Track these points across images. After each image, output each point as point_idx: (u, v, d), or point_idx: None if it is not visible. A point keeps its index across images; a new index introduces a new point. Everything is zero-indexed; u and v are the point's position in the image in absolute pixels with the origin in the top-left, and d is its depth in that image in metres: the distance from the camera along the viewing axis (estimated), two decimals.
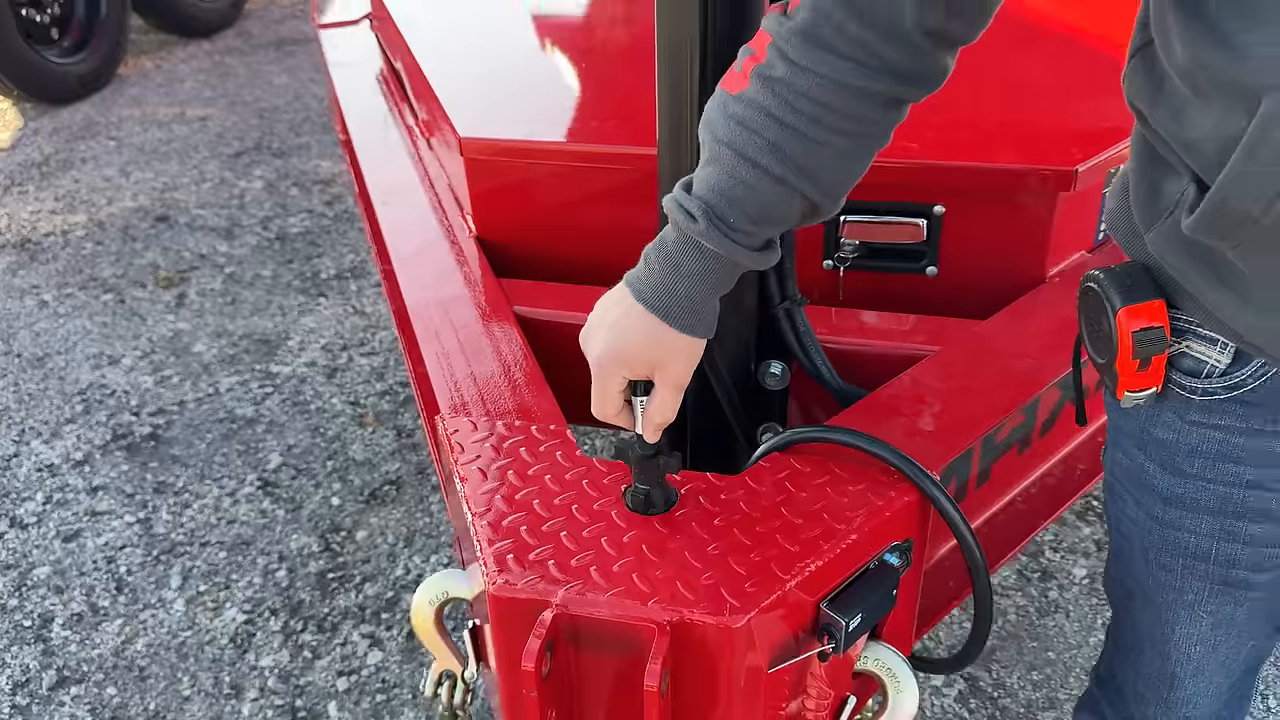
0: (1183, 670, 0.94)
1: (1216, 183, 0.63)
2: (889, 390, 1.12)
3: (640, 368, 0.86)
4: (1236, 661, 0.94)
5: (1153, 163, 0.74)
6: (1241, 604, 0.87)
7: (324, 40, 2.31)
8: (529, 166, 1.41)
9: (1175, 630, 0.92)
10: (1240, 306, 0.69)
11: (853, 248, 1.31)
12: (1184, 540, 0.85)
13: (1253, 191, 0.61)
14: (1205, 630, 0.90)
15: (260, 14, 5.91)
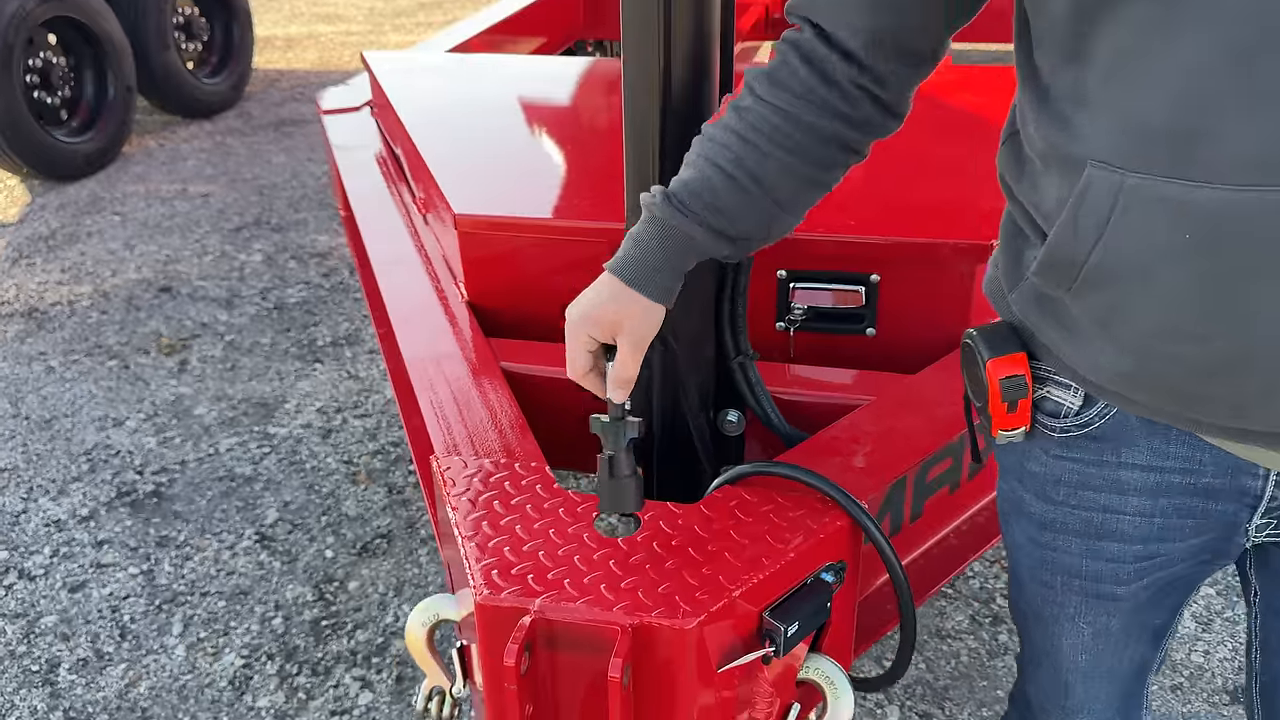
0: (1074, 678, 1.08)
1: (1050, 234, 0.80)
2: (829, 433, 1.27)
3: (605, 327, 1.00)
4: (1121, 668, 1.08)
5: (1017, 235, 0.91)
6: (1114, 615, 1.01)
7: (327, 125, 2.50)
8: (515, 239, 1.58)
9: (1063, 642, 1.06)
10: (1078, 349, 0.86)
11: (801, 311, 1.48)
12: (1059, 560, 1.00)
13: (1076, 240, 0.78)
14: (1088, 640, 1.04)
15: (260, 96, 6.16)
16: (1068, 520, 0.97)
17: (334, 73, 6.63)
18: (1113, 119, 0.74)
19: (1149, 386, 0.83)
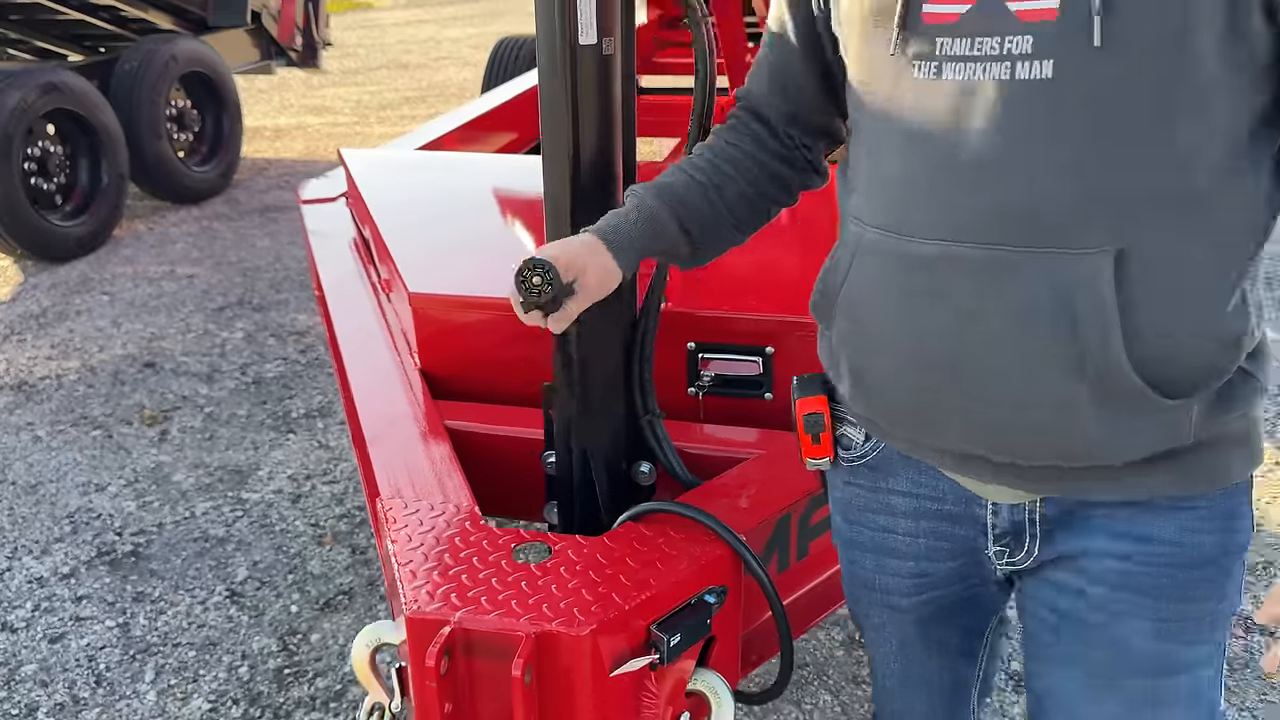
0: (892, 684, 1.28)
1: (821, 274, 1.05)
2: (720, 480, 1.48)
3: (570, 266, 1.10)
4: (934, 680, 1.25)
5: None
6: (908, 626, 1.20)
7: (305, 214, 2.74)
8: (462, 314, 1.80)
9: (878, 650, 1.26)
10: (847, 389, 1.08)
11: (709, 378, 1.70)
12: (860, 574, 1.21)
13: (835, 275, 1.04)
14: (895, 648, 1.24)
15: (248, 183, 6.45)
16: (860, 539, 1.19)
17: (320, 162, 6.95)
18: (863, 188, 1.03)
19: (886, 416, 1.05)
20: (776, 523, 1.46)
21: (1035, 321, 0.92)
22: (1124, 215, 0.89)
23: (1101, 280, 0.89)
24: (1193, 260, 0.91)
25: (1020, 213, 0.91)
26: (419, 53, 12.33)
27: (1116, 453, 0.95)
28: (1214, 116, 0.88)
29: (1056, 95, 0.87)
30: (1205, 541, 1.01)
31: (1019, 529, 1.06)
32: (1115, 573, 1.03)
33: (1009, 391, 0.95)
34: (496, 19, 15.55)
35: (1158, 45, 0.85)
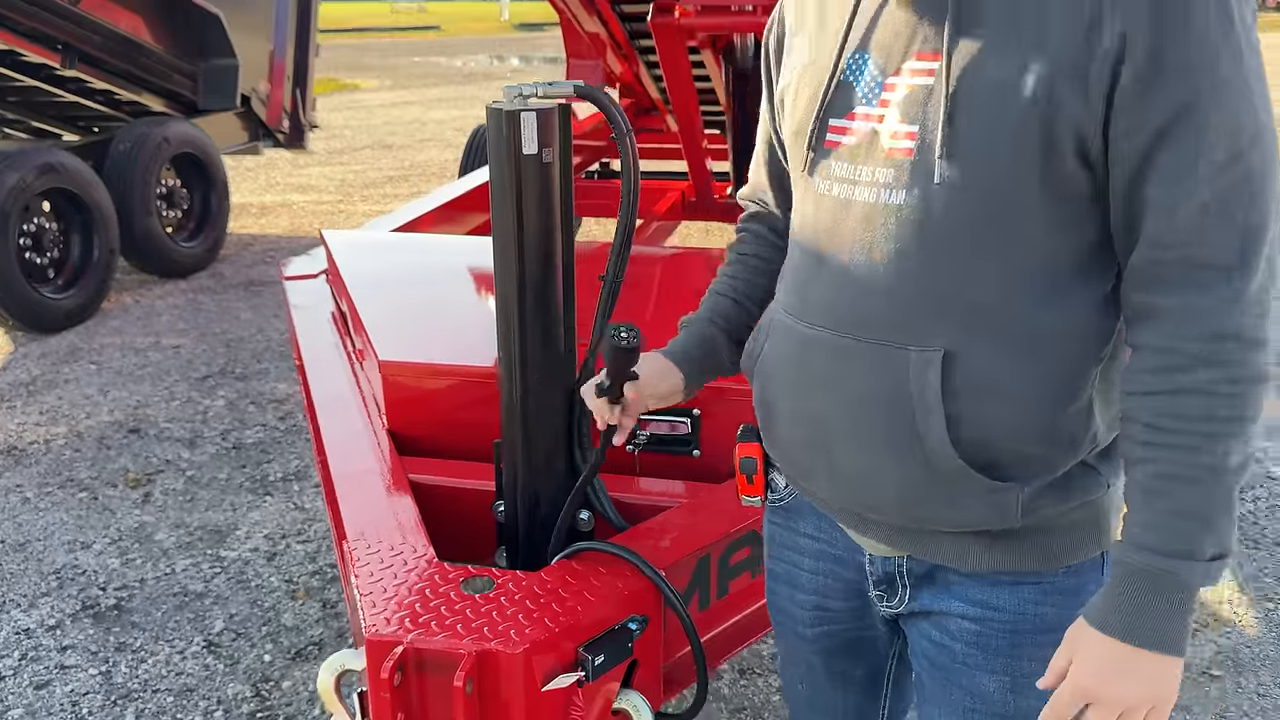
0: (798, 707, 1.46)
1: (747, 341, 1.26)
2: (647, 524, 1.69)
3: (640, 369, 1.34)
4: (839, 707, 1.41)
5: None
6: (813, 654, 1.38)
7: (288, 289, 2.96)
8: (426, 380, 2.02)
9: (787, 674, 1.45)
10: (765, 440, 1.29)
11: (645, 437, 1.91)
12: (776, 601, 1.40)
13: (753, 348, 1.26)
14: (802, 672, 1.42)
15: (233, 258, 6.69)
16: (777, 570, 1.38)
17: (303, 238, 7.21)
18: (782, 273, 1.25)
19: (787, 465, 1.25)
20: (697, 562, 1.67)
21: (877, 403, 1.09)
22: (953, 323, 1.05)
23: (930, 374, 1.05)
24: (1013, 369, 1.05)
25: (869, 310, 1.09)
26: (403, 134, 12.72)
27: (950, 523, 1.11)
28: (1037, 247, 1.02)
29: (906, 218, 1.05)
30: (1047, 613, 1.13)
31: (891, 579, 1.22)
32: (970, 632, 1.17)
33: (860, 461, 1.12)
34: (479, 102, 16.05)
35: (987, 185, 1.01)
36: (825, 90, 1.12)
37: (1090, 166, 1.00)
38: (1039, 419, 1.06)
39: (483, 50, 29.72)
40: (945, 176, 1.02)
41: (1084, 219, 1.02)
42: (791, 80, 1.20)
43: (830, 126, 1.13)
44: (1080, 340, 1.06)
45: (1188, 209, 0.95)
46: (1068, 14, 0.96)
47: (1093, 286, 1.05)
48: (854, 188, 1.10)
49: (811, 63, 1.17)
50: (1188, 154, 0.95)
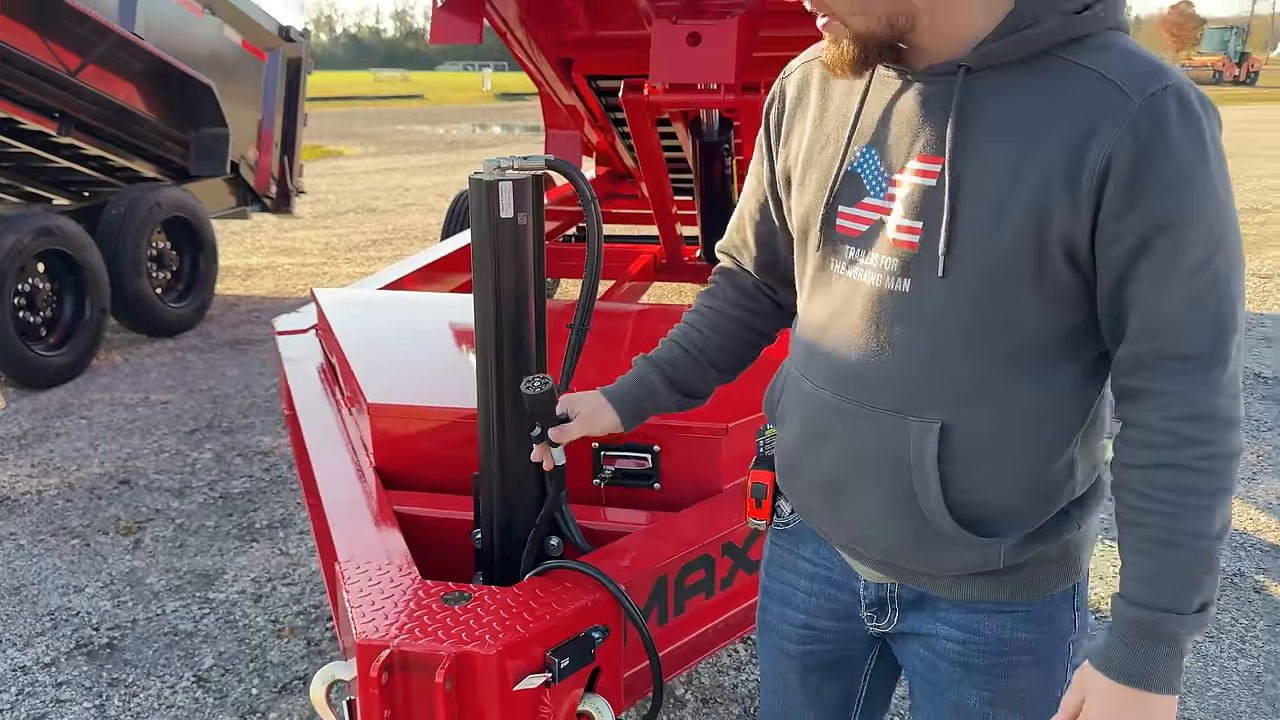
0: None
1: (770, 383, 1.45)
2: (610, 547, 1.87)
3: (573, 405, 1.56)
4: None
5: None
6: (793, 671, 1.51)
7: (280, 343, 3.16)
8: (410, 421, 2.21)
9: (766, 687, 1.58)
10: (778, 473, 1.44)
11: (610, 471, 2.10)
12: (765, 619, 1.54)
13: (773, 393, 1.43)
14: (778, 687, 1.54)
15: (220, 318, 6.87)
16: (772, 588, 1.52)
17: (288, 299, 7.41)
18: (794, 335, 1.39)
19: (796, 499, 1.41)
20: (655, 581, 1.85)
21: (878, 463, 1.22)
22: (950, 398, 1.17)
23: (928, 442, 1.17)
24: (1004, 439, 1.17)
25: (873, 382, 1.21)
26: (386, 199, 13.01)
27: (940, 568, 1.26)
28: (1028, 331, 1.14)
29: (910, 304, 1.16)
30: (1023, 637, 1.28)
31: (883, 602, 1.37)
32: (954, 652, 1.32)
33: (860, 512, 1.27)
34: (461, 169, 16.42)
35: (984, 279, 1.12)
36: (835, 179, 1.24)
37: (1077, 266, 1.11)
38: (1026, 481, 1.19)
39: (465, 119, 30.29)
40: (946, 271, 1.13)
41: (1071, 307, 1.14)
42: (798, 163, 1.32)
43: (840, 213, 1.24)
44: (1065, 411, 1.18)
45: (1166, 308, 1.08)
46: (1060, 132, 1.07)
47: (1078, 363, 1.17)
48: (863, 271, 1.22)
49: (820, 150, 1.28)
50: (1165, 261, 1.06)
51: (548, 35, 4.87)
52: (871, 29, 1.15)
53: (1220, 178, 1.08)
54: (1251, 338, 6.13)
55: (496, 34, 4.88)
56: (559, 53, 5.03)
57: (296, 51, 7.84)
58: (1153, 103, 1.05)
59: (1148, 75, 1.07)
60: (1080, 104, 1.07)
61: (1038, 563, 1.26)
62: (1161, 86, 1.06)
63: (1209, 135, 1.07)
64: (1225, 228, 1.08)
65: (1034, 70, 1.11)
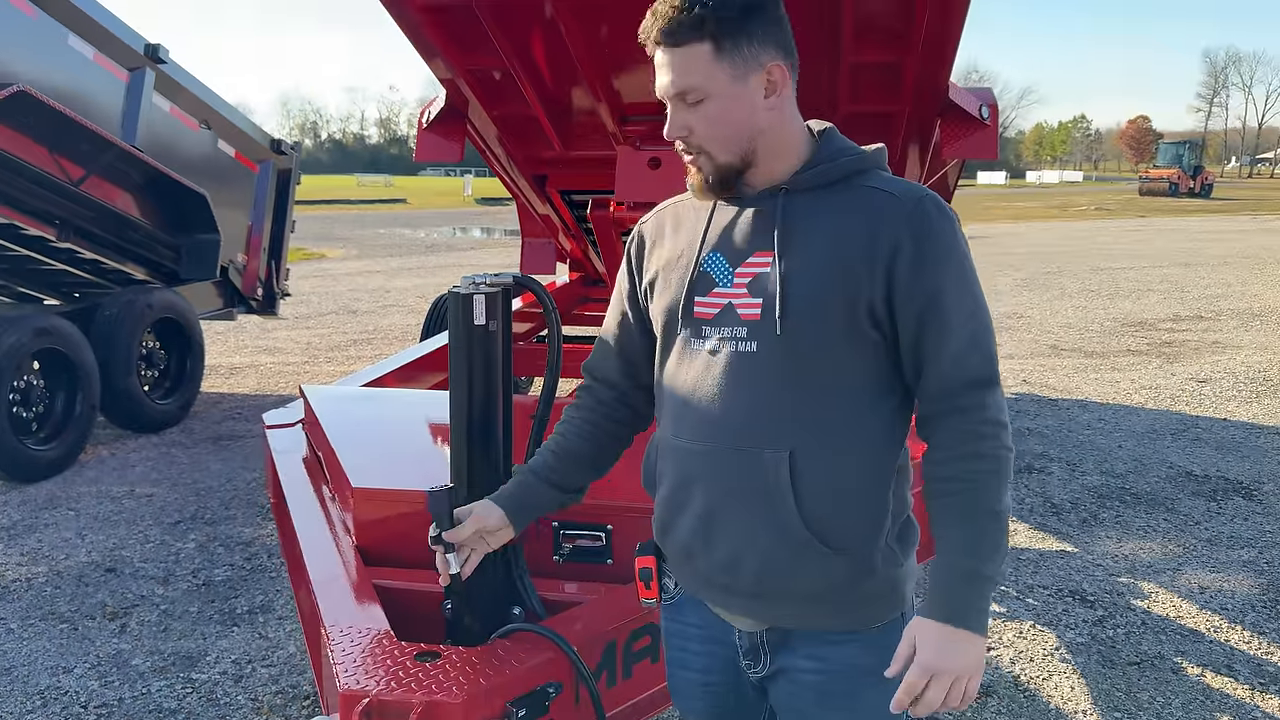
0: None
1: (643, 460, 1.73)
2: (565, 614, 2.11)
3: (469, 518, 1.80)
4: None
5: None
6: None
7: (269, 435, 3.41)
8: (389, 504, 2.46)
9: None
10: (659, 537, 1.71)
11: (569, 549, 2.36)
12: (673, 683, 1.79)
13: (648, 463, 1.72)
14: None
15: (204, 415, 7.10)
16: (671, 655, 1.78)
17: (270, 397, 7.65)
18: (661, 408, 1.69)
19: (674, 550, 1.67)
20: (606, 644, 2.09)
21: (742, 494, 1.52)
22: (794, 430, 1.49)
23: (781, 469, 1.49)
24: (840, 462, 1.49)
25: (734, 426, 1.53)
26: (368, 300, 13.35)
27: (794, 588, 1.53)
28: (847, 376, 1.50)
29: (757, 361, 1.51)
30: (867, 662, 1.54)
31: (755, 649, 1.63)
32: (812, 681, 1.59)
33: (730, 541, 1.55)
34: (441, 271, 16.86)
35: (812, 338, 1.48)
36: (691, 276, 1.59)
37: (878, 326, 1.49)
38: (858, 501, 1.51)
39: (446, 223, 30.93)
40: (782, 330, 1.48)
41: (878, 356, 1.52)
42: (659, 272, 1.66)
43: (697, 301, 1.58)
44: (885, 439, 1.54)
45: (955, 347, 1.48)
46: (858, 226, 1.48)
47: (887, 403, 1.54)
48: (719, 342, 1.54)
49: (676, 259, 1.63)
50: (947, 315, 1.47)
51: (525, 154, 5.27)
52: (730, 162, 1.54)
53: (968, 256, 1.52)
54: (1185, 438, 6.47)
55: (476, 150, 5.29)
56: (535, 169, 5.44)
57: (286, 163, 8.27)
58: (919, 205, 1.49)
59: (911, 189, 1.52)
60: (870, 207, 1.50)
61: (870, 597, 1.55)
62: (921, 195, 1.50)
63: (957, 228, 1.52)
64: (977, 288, 1.52)
65: (834, 190, 1.53)
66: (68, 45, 5.98)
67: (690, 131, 1.53)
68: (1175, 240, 22.85)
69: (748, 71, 1.50)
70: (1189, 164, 46.93)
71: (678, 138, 1.56)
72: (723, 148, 1.53)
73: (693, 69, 1.48)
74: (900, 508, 1.57)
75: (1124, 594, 4.10)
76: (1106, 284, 14.71)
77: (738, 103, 1.50)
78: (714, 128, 1.52)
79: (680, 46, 1.48)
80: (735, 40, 1.48)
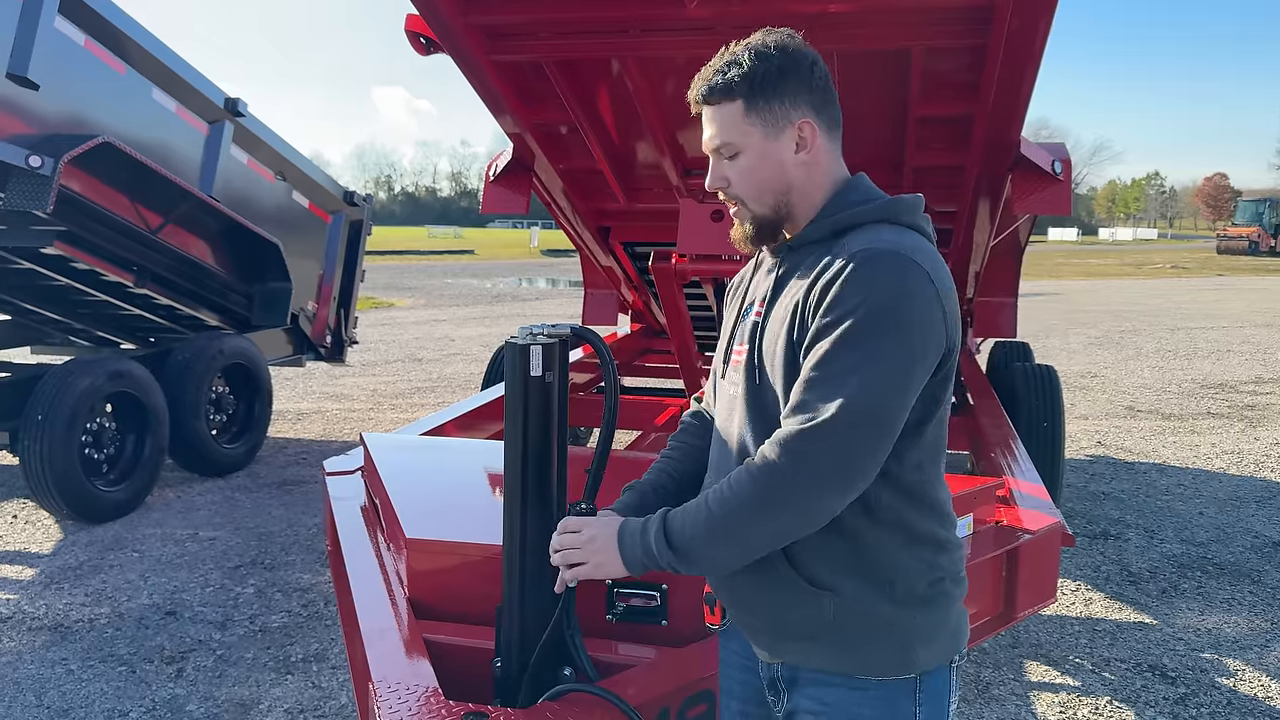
0: None
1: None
2: (618, 676, 2.05)
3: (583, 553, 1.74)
4: None
5: None
6: None
7: (329, 483, 3.42)
8: (443, 557, 2.42)
9: None
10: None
11: (622, 608, 2.29)
12: (722, 713, 1.78)
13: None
14: None
15: (269, 459, 7.19)
16: (721, 683, 1.80)
17: (335, 442, 7.73)
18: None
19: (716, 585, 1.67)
20: (659, 711, 2.02)
21: None
22: None
23: None
24: None
25: (726, 465, 1.62)
26: (433, 348, 13.52)
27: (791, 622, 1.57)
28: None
29: (744, 399, 1.62)
30: (866, 713, 1.55)
31: (774, 683, 1.67)
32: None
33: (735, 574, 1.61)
34: (505, 321, 17.04)
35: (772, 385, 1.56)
36: (731, 324, 1.76)
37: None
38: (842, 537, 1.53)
39: (512, 273, 31.37)
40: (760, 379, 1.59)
41: None
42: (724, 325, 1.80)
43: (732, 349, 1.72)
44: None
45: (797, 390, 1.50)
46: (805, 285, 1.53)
47: None
48: (730, 382, 1.69)
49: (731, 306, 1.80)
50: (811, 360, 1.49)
51: (589, 207, 5.31)
52: (764, 213, 1.63)
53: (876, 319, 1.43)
54: (1271, 506, 6.18)
55: (541, 202, 5.33)
56: (598, 221, 5.47)
57: (358, 214, 8.45)
58: (850, 259, 1.47)
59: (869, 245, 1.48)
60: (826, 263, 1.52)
61: (863, 639, 1.54)
62: (861, 251, 1.47)
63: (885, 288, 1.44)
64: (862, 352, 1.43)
65: (822, 245, 1.57)
66: (152, 99, 6.20)
67: (728, 183, 1.65)
68: (1256, 300, 22.17)
69: (779, 129, 1.59)
70: (1270, 222, 45.68)
71: (717, 188, 1.67)
72: (756, 199, 1.63)
73: (727, 126, 1.61)
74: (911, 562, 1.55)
75: (1208, 671, 3.88)
76: (1184, 344, 14.28)
77: (767, 158, 1.60)
78: (747, 180, 1.62)
79: (715, 105, 1.61)
80: (767, 100, 1.58)
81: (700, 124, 1.69)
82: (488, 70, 4.03)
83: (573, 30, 3.83)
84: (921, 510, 1.58)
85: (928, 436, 1.56)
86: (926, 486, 1.58)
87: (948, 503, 1.65)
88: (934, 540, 1.59)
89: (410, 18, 3.98)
